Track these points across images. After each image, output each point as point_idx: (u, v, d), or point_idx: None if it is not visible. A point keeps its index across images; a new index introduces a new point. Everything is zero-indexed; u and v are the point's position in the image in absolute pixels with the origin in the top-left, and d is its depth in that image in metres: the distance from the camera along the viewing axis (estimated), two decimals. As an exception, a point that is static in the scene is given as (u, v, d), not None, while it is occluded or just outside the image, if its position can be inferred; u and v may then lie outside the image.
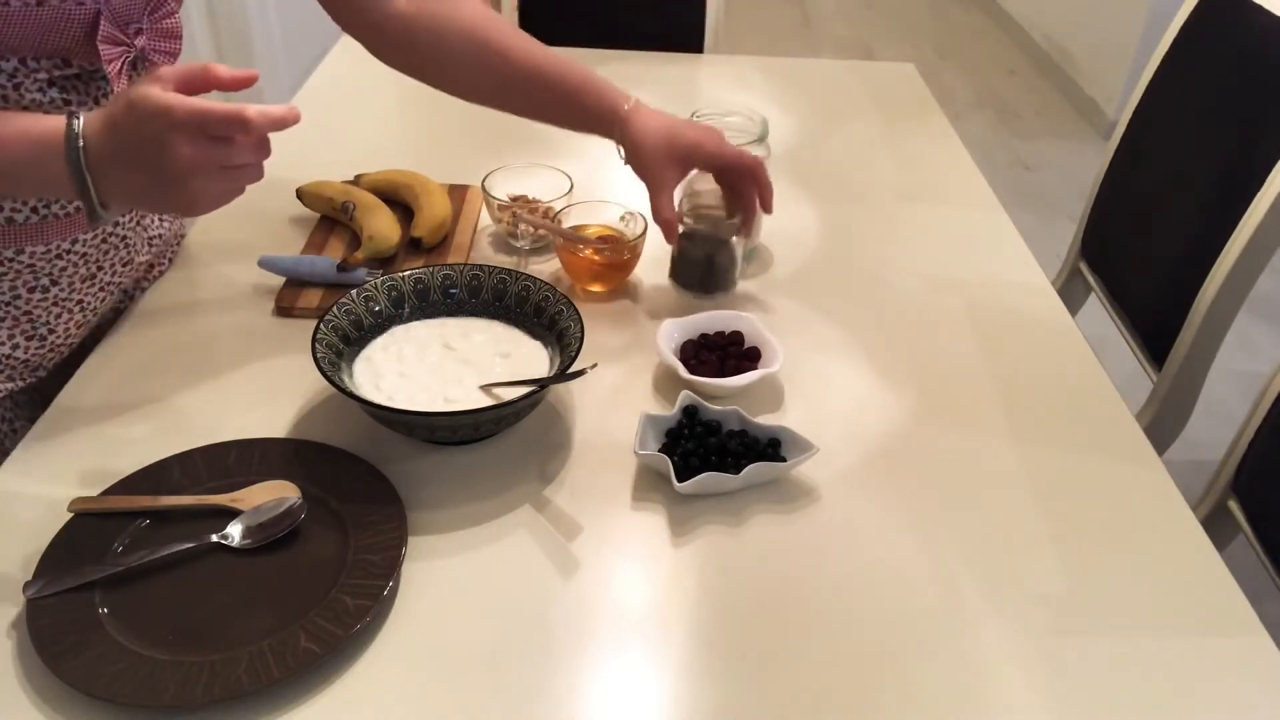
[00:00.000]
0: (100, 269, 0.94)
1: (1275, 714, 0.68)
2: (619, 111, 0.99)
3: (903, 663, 0.70)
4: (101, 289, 0.96)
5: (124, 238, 0.96)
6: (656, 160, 0.98)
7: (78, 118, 0.69)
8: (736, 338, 0.97)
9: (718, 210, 1.09)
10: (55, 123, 0.70)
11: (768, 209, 1.00)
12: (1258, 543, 1.13)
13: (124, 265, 0.97)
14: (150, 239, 1.01)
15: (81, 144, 0.68)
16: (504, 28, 0.99)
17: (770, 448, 0.84)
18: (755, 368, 0.92)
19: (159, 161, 0.67)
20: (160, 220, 1.03)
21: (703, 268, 1.03)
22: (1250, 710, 0.68)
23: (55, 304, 0.91)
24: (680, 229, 1.01)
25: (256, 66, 2.89)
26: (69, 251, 0.90)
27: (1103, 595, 0.76)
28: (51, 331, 0.93)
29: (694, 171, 1.12)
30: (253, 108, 0.68)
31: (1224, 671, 0.71)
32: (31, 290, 0.89)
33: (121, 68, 0.83)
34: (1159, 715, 0.68)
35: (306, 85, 1.52)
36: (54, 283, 0.90)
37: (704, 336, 0.97)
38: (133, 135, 0.68)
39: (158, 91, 0.67)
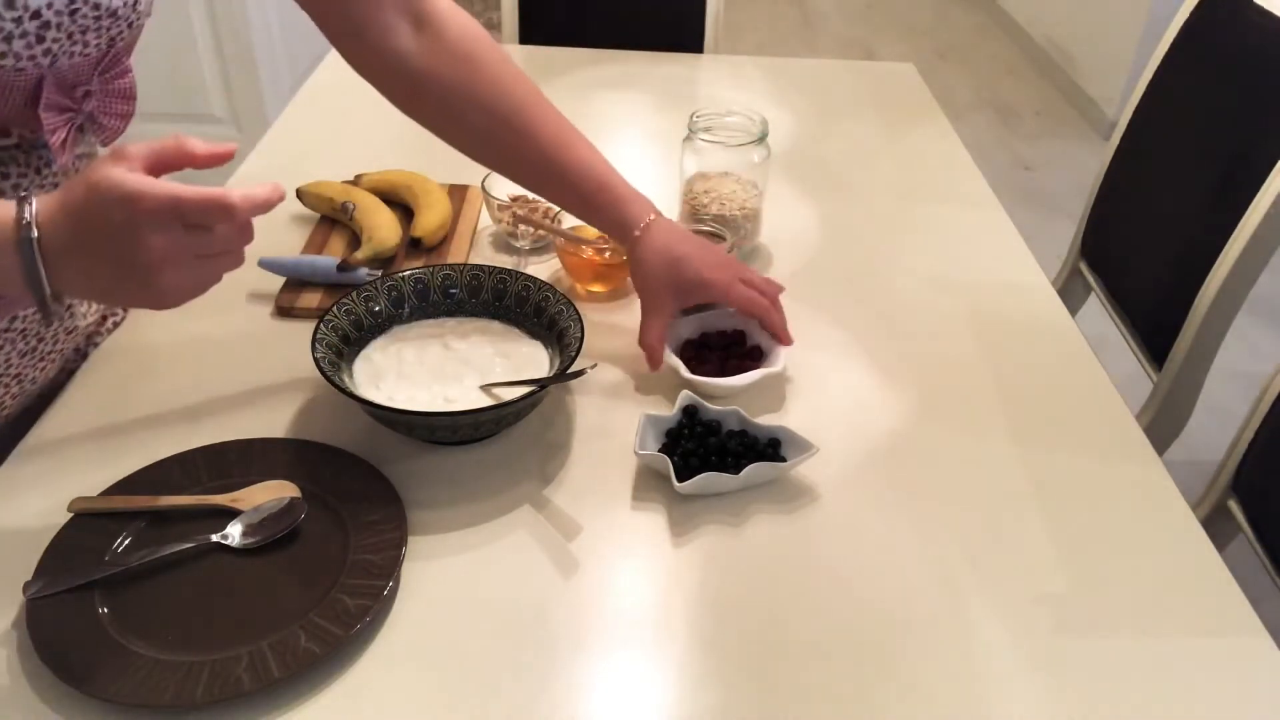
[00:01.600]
0: (41, 340, 0.87)
1: (1275, 714, 0.68)
2: (631, 229, 0.92)
3: (903, 662, 0.70)
4: (42, 359, 0.89)
5: (69, 305, 0.91)
6: (656, 285, 0.92)
7: (29, 202, 0.61)
8: (739, 337, 0.97)
9: (715, 217, 1.09)
10: (3, 208, 0.62)
11: (785, 343, 0.93)
12: (1258, 543, 1.13)
13: (68, 334, 0.91)
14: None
15: (35, 233, 0.60)
16: (529, 104, 0.91)
17: (770, 448, 0.84)
18: (757, 367, 0.92)
19: (126, 253, 0.60)
20: None
21: None
22: (1250, 710, 0.68)
23: None
24: None
25: (257, 66, 2.90)
26: (7, 330, 0.83)
27: (1103, 595, 0.76)
28: None
29: (694, 171, 1.12)
30: (235, 192, 0.62)
31: (1224, 671, 0.71)
32: None
33: (67, 136, 0.77)
34: (1159, 715, 0.68)
35: (306, 85, 1.52)
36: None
37: (705, 335, 0.97)
38: (94, 223, 0.60)
39: (123, 174, 0.60)
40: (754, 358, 0.94)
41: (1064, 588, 0.76)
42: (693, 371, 0.91)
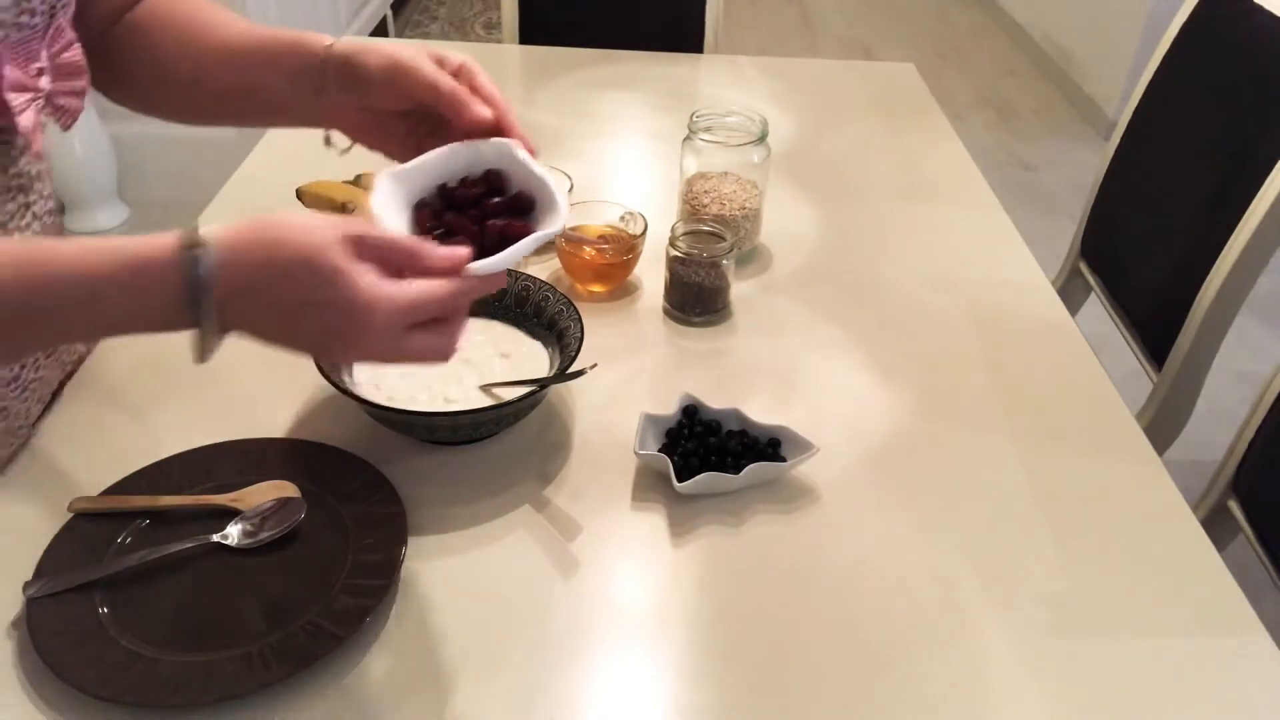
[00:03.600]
0: (24, 366, 0.82)
1: (1275, 714, 0.68)
2: (318, 44, 0.74)
3: (903, 662, 0.70)
4: (25, 389, 0.83)
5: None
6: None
7: (201, 252, 0.56)
8: (495, 183, 0.69)
9: (715, 217, 1.09)
10: (155, 254, 0.56)
11: (528, 147, 0.71)
12: (1258, 543, 1.13)
13: (47, 356, 0.86)
14: None
15: (208, 295, 0.56)
16: (206, 9, 0.81)
17: (770, 448, 0.84)
18: (531, 228, 0.65)
19: (335, 341, 0.58)
20: None
21: (695, 291, 1.02)
22: (1250, 710, 0.68)
23: None
24: (670, 253, 1.01)
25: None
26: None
27: (1103, 595, 0.76)
28: None
29: (694, 171, 1.12)
30: (469, 280, 0.59)
31: (1224, 671, 0.71)
32: None
33: (36, 121, 0.73)
34: (1159, 715, 0.68)
35: (306, 85, 1.52)
36: None
37: (445, 190, 0.69)
38: (298, 301, 0.56)
39: (359, 274, 0.56)
40: (522, 210, 0.68)
41: (1064, 588, 0.76)
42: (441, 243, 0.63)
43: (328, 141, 0.77)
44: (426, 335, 0.60)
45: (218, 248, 0.56)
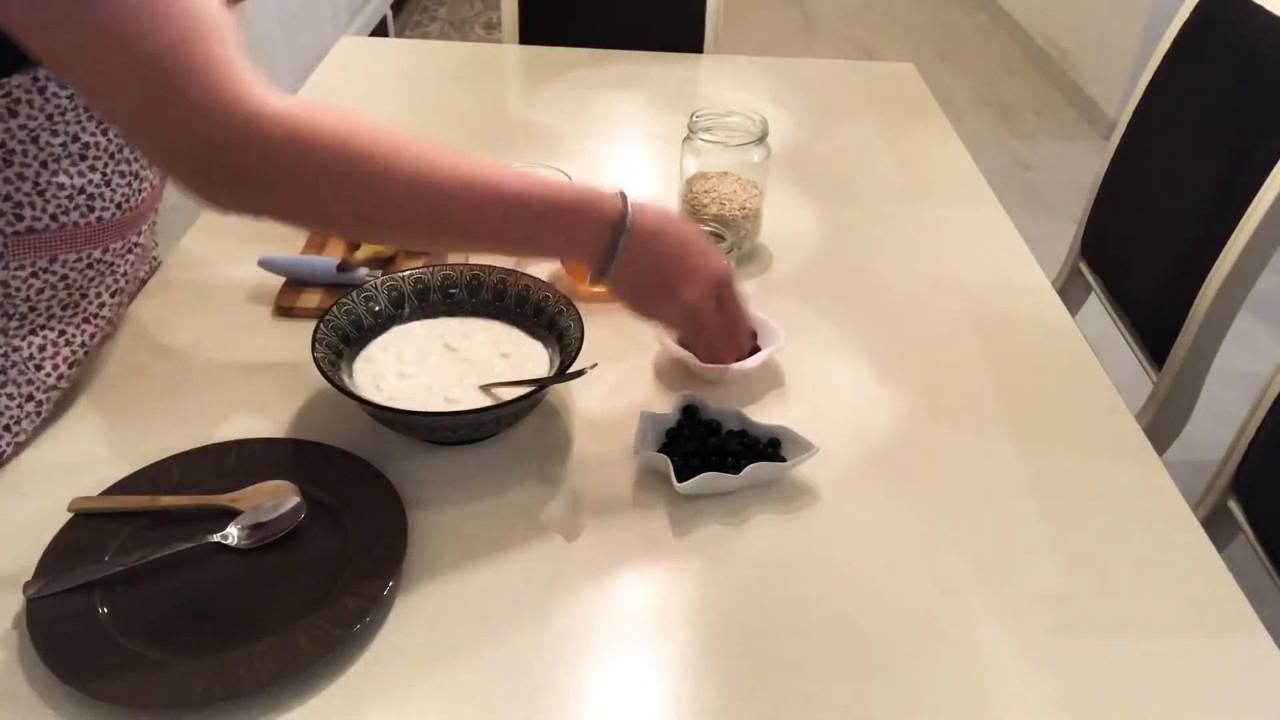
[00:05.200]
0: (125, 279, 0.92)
1: (1275, 714, 0.68)
2: (614, 205, 0.79)
3: (903, 663, 0.70)
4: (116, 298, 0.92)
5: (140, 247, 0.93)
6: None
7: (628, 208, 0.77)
8: None
9: (715, 217, 1.09)
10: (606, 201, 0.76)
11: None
12: (1258, 543, 1.13)
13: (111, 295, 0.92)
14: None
15: (629, 226, 0.76)
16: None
17: (770, 447, 0.84)
18: (759, 347, 0.93)
19: (689, 265, 0.80)
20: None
21: None
22: (1250, 710, 0.68)
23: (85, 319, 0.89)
24: None
25: (257, 66, 2.89)
26: (99, 261, 0.87)
27: (1103, 595, 0.76)
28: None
29: (694, 171, 1.12)
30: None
31: (1224, 671, 0.71)
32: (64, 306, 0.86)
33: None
34: (1159, 715, 0.68)
35: (306, 85, 1.52)
36: (83, 295, 0.88)
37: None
38: (680, 244, 0.80)
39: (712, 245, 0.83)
40: (752, 338, 0.94)
41: (1064, 588, 0.76)
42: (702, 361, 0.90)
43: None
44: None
45: (634, 202, 0.77)
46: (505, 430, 0.87)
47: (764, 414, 0.91)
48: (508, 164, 1.14)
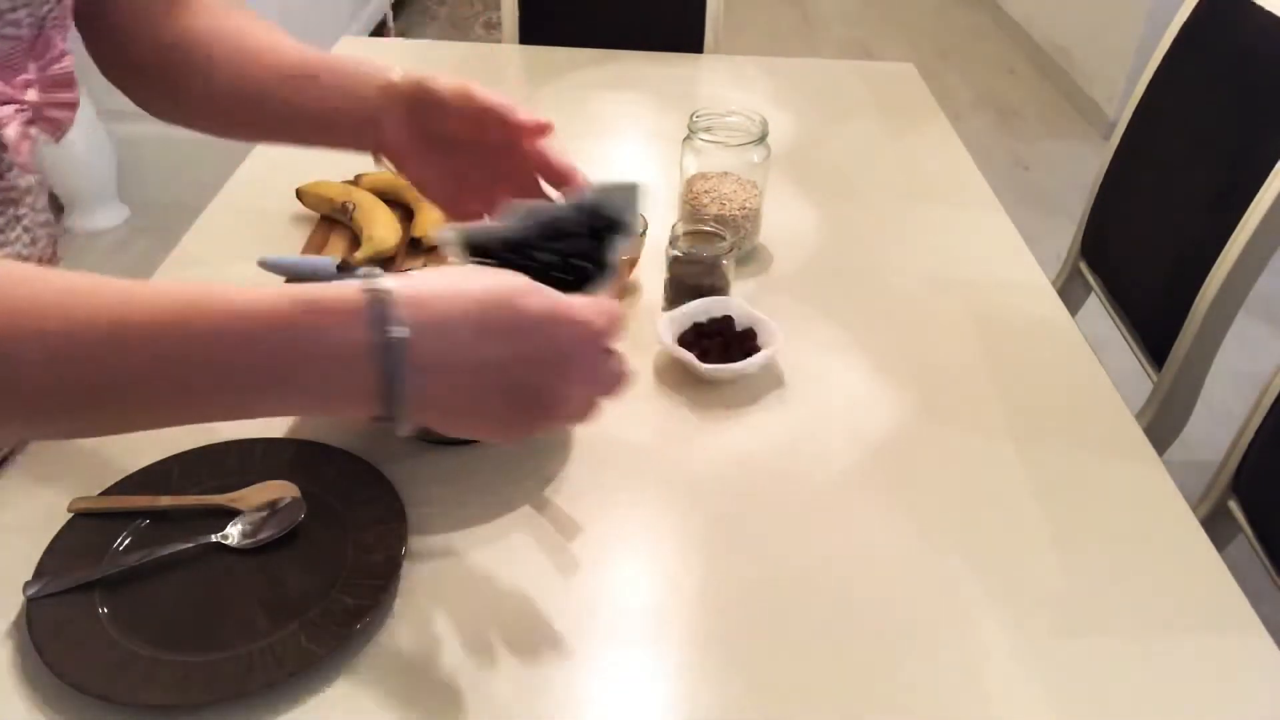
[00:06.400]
0: None
1: (1275, 714, 0.68)
2: (376, 79, 0.76)
3: (903, 662, 0.70)
4: None
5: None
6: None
7: (388, 301, 0.50)
8: (728, 321, 0.97)
9: (715, 217, 1.09)
10: (342, 301, 0.50)
11: (544, 131, 0.77)
12: (1258, 543, 1.13)
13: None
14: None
15: (402, 336, 0.50)
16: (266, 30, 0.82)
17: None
18: (759, 347, 0.93)
19: (534, 382, 0.53)
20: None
21: (695, 291, 1.01)
22: (1250, 710, 0.68)
23: None
24: (670, 253, 1.01)
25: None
26: None
27: (1103, 595, 0.76)
28: None
29: (694, 171, 1.12)
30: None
31: (1224, 671, 0.71)
32: None
33: (22, 134, 0.71)
34: (1159, 715, 0.68)
35: (306, 85, 1.52)
36: None
37: (698, 325, 0.97)
38: (500, 336, 0.52)
39: (551, 295, 0.54)
40: (751, 338, 0.96)
41: (1064, 588, 0.76)
42: (703, 360, 0.91)
43: (378, 160, 0.79)
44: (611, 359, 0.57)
45: (401, 292, 0.51)
46: (505, 430, 0.87)
47: (764, 414, 0.91)
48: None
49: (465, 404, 0.53)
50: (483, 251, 0.66)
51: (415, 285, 0.52)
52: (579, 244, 0.69)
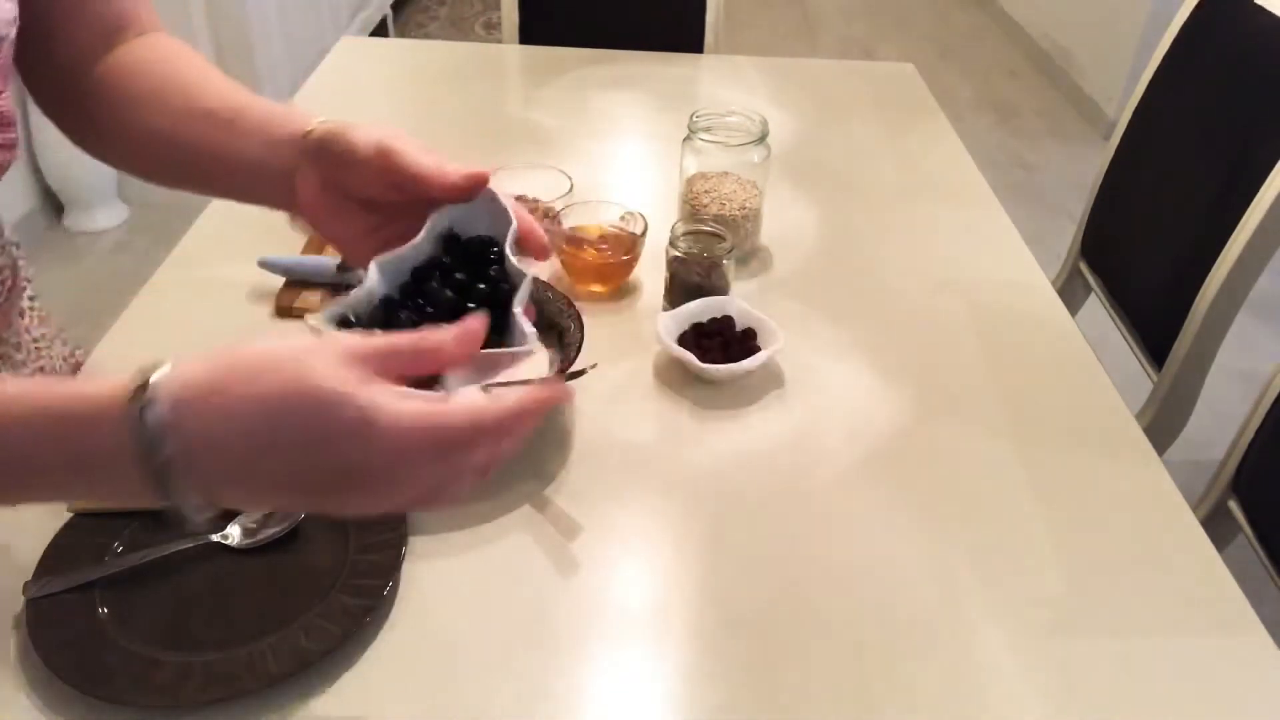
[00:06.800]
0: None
1: (1275, 714, 0.68)
2: (299, 130, 0.65)
3: (903, 663, 0.70)
4: None
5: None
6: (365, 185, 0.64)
7: (151, 405, 0.44)
8: (728, 322, 0.97)
9: (715, 217, 1.09)
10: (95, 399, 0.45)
11: (541, 257, 0.65)
12: (1258, 543, 1.13)
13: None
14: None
15: (164, 457, 0.44)
16: (195, 63, 0.74)
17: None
18: (759, 347, 0.93)
19: (341, 485, 0.46)
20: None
21: (695, 291, 1.01)
22: (1250, 710, 0.68)
23: None
24: (670, 253, 1.01)
25: (256, 66, 2.90)
26: None
27: (1103, 595, 0.76)
28: None
29: (694, 171, 1.12)
30: (531, 397, 0.48)
31: (1224, 671, 0.71)
32: None
33: None
34: (1159, 715, 0.68)
35: (306, 85, 1.52)
36: None
37: (697, 325, 0.97)
38: (298, 450, 0.45)
39: (366, 398, 0.44)
40: (751, 338, 0.96)
41: (1064, 588, 0.76)
42: (702, 361, 0.91)
43: (293, 219, 0.69)
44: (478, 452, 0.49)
45: (170, 388, 0.45)
46: (505, 430, 0.87)
47: (764, 414, 0.91)
48: (508, 164, 1.15)
49: (265, 499, 0.49)
50: (361, 320, 0.56)
51: (192, 381, 0.45)
52: (455, 275, 0.59)
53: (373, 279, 0.57)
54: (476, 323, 0.50)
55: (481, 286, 0.58)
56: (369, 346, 0.47)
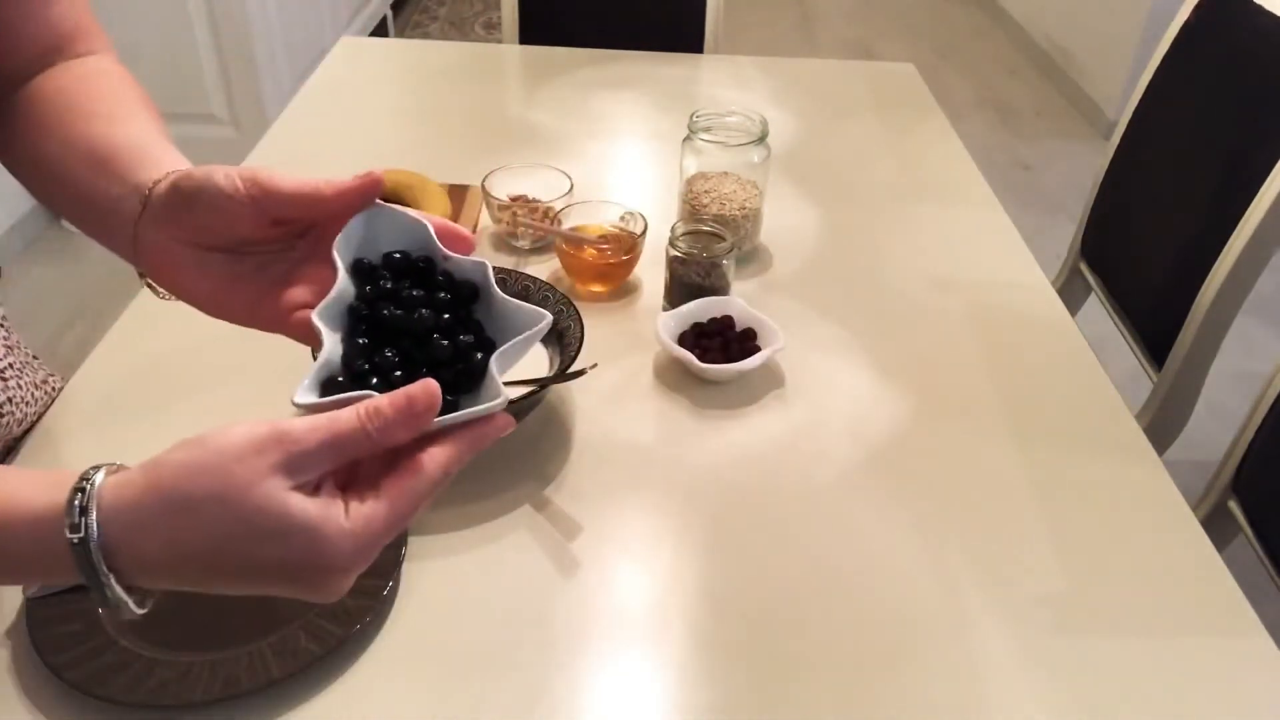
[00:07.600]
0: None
1: (1275, 714, 0.68)
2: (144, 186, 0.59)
3: (903, 663, 0.70)
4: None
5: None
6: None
7: (87, 512, 0.48)
8: (728, 321, 0.97)
9: (715, 217, 1.09)
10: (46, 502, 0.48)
11: (466, 247, 0.57)
12: (1258, 543, 1.13)
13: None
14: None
15: (99, 556, 0.46)
16: (112, 89, 0.70)
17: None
18: (759, 347, 0.93)
19: (276, 578, 0.48)
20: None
21: (695, 291, 1.01)
22: (1250, 710, 0.68)
23: None
24: (670, 253, 1.01)
25: (257, 65, 2.90)
26: None
27: (1103, 595, 0.76)
28: None
29: (694, 171, 1.12)
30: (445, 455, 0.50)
31: (1224, 671, 0.71)
32: None
33: None
34: (1159, 715, 0.68)
35: (306, 85, 1.52)
36: None
37: (697, 325, 0.97)
38: (237, 553, 0.47)
39: (300, 505, 0.47)
40: (751, 338, 0.96)
41: (1064, 588, 0.76)
42: (701, 360, 0.91)
43: (149, 285, 0.64)
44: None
45: (105, 515, 0.47)
46: (505, 430, 0.87)
47: (764, 414, 0.91)
48: (508, 164, 1.15)
49: (200, 584, 0.49)
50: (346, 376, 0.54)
51: (125, 506, 0.48)
52: (408, 292, 0.54)
53: (326, 334, 0.53)
54: (421, 396, 0.49)
55: (445, 313, 0.54)
56: (305, 448, 0.50)
